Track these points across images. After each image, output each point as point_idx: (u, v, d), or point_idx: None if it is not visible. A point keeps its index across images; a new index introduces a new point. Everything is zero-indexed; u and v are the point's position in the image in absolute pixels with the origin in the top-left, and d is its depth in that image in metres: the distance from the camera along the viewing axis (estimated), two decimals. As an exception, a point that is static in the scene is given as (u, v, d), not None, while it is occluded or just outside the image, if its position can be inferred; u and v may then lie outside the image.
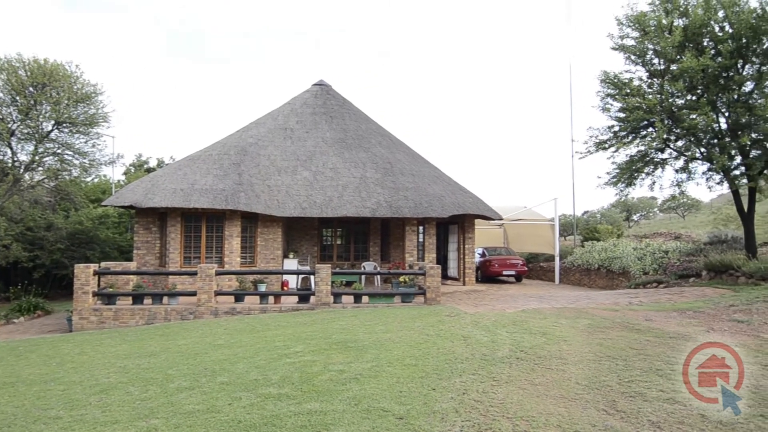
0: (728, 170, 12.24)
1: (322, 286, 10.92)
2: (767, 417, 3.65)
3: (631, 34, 13.11)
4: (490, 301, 11.39)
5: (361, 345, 6.50)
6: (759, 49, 11.61)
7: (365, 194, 14.76)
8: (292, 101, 18.35)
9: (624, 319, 7.74)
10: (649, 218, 40.45)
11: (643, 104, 12.36)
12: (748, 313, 7.85)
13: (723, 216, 23.49)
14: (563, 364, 5.22)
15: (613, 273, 16.29)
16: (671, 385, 4.41)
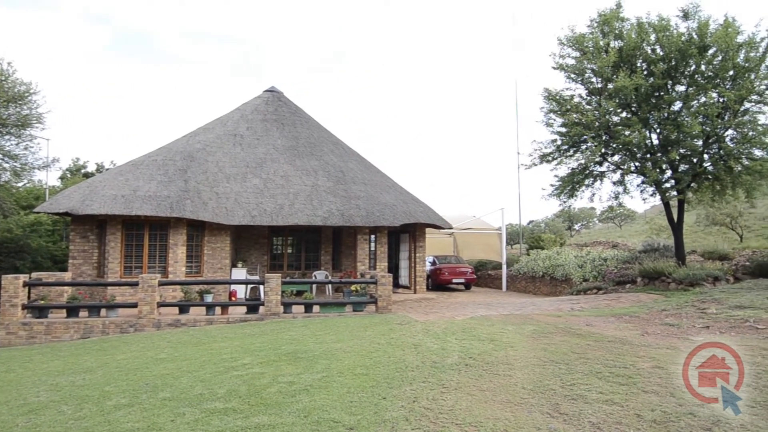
0: (660, 183, 13.07)
1: (272, 296, 10.72)
2: (696, 415, 3.90)
3: (572, 54, 13.83)
4: (441, 309, 11.56)
5: (312, 355, 6.42)
6: (686, 71, 12.53)
7: (317, 202, 14.66)
8: (243, 107, 18.01)
9: (566, 324, 8.07)
10: (589, 228, 42.46)
11: (583, 120, 13.02)
12: (678, 317, 8.39)
13: (656, 226, 25.02)
14: (510, 370, 5.37)
15: (556, 280, 16.95)
16: (609, 387, 4.63)
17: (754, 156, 12.32)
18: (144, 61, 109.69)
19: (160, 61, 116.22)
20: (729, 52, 11.80)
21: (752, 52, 12.03)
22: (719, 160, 12.53)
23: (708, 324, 7.55)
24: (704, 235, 20.51)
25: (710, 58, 12.26)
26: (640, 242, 18.41)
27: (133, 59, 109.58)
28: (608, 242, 22.75)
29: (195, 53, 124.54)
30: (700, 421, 3.77)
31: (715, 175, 12.71)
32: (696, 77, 12.44)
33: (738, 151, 12.16)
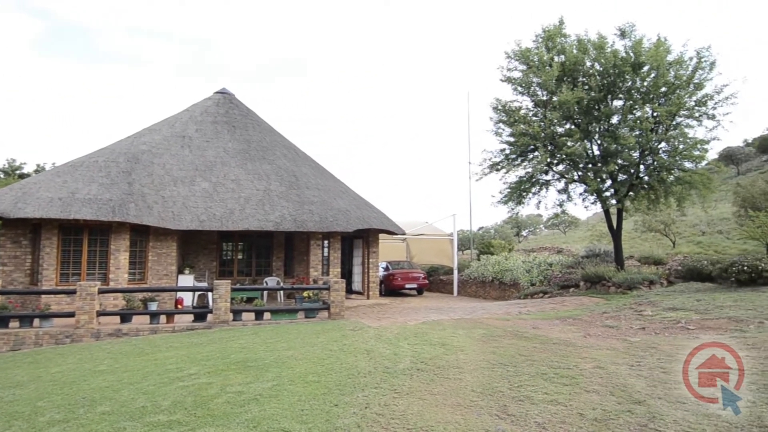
0: (600, 192, 13.75)
1: (221, 303, 10.41)
2: (633, 412, 4.12)
3: (518, 67, 14.35)
4: (393, 314, 11.62)
5: (262, 364, 6.28)
6: (623, 86, 13.29)
7: (269, 207, 14.40)
8: (192, 108, 17.47)
9: (514, 327, 8.32)
10: (536, 233, 43.99)
11: (529, 131, 13.52)
12: (618, 319, 8.84)
13: (597, 232, 26.29)
14: (460, 373, 5.47)
15: (505, 284, 17.43)
16: (554, 388, 4.81)
17: (684, 167, 13.21)
18: (82, 59, 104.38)
19: (103, 59, 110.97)
20: (661, 70, 12.63)
21: (681, 70, 12.93)
22: (653, 171, 13.35)
23: (644, 325, 8.00)
24: (641, 241, 21.72)
25: (644, 75, 13.06)
26: (583, 248, 19.25)
27: (70, 56, 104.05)
28: (554, 248, 23.63)
29: (141, 52, 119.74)
30: (636, 417, 3.98)
31: (650, 185, 13.53)
32: (632, 92, 13.22)
33: (670, 162, 13.00)
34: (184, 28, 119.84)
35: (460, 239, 25.25)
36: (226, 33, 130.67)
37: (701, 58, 12.84)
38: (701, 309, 8.70)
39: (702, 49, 12.86)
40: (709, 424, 3.74)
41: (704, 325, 7.54)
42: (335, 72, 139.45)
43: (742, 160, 39.14)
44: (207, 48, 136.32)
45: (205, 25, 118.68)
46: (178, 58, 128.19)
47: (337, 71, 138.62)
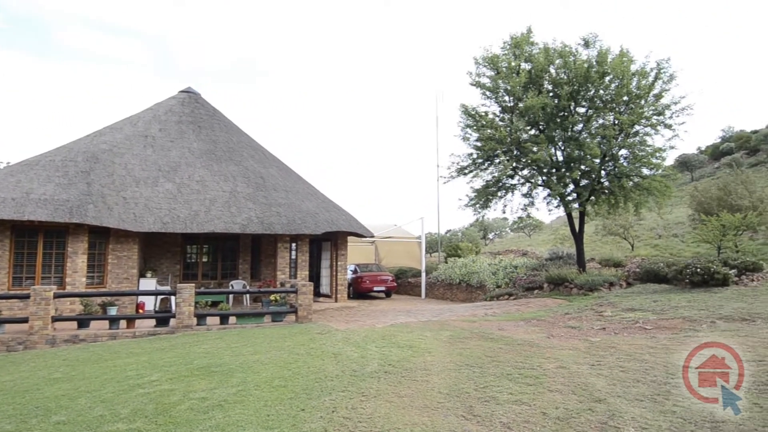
0: (564, 197, 14.12)
1: (185, 307, 10.15)
2: (594, 410, 4.24)
3: (487, 73, 14.62)
4: (361, 317, 11.61)
5: (227, 369, 6.16)
6: (587, 94, 13.72)
7: (235, 209, 14.15)
8: (155, 107, 17.00)
9: (480, 329, 8.44)
10: (502, 237, 44.79)
11: (496, 136, 13.78)
12: (579, 320, 9.09)
13: (560, 235, 26.99)
14: (427, 375, 5.51)
15: (471, 287, 17.67)
16: (519, 388, 4.91)
17: (642, 174, 13.73)
18: (38, 54, 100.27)
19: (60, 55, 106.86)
20: (623, 80, 13.10)
21: (643, 80, 13.45)
22: (614, 177, 13.82)
23: (605, 326, 8.25)
24: (602, 244, 22.43)
25: (607, 84, 13.52)
26: (547, 251, 19.73)
27: (24, 50, 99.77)
28: (519, 250, 24.11)
29: (103, 49, 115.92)
30: (597, 415, 4.10)
31: (611, 190, 14.00)
32: (595, 101, 13.66)
33: (630, 169, 13.49)
34: (145, 26, 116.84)
35: (428, 242, 25.45)
36: (192, 34, 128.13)
37: (661, 69, 13.39)
38: (658, 309, 9.05)
39: (662, 61, 13.42)
40: (665, 421, 3.89)
41: (660, 325, 7.85)
42: (304, 75, 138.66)
43: (696, 167, 40.99)
44: (171, 48, 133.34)
45: (167, 24, 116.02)
46: (142, 57, 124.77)
47: (306, 74, 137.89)
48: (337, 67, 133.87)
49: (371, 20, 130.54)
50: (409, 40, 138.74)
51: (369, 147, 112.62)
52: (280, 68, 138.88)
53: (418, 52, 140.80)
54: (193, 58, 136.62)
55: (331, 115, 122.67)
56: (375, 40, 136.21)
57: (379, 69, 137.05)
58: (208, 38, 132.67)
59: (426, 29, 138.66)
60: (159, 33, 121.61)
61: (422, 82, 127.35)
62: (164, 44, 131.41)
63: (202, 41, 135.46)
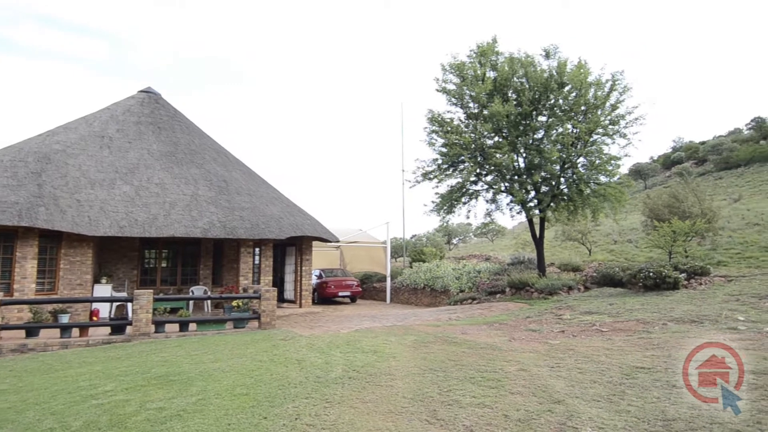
0: (525, 203, 14.48)
1: (142, 314, 9.81)
2: (553, 411, 4.34)
3: (453, 79, 14.87)
4: (326, 323, 11.52)
5: (186, 377, 5.99)
6: (548, 103, 14.15)
7: (196, 213, 13.80)
8: (113, 107, 16.42)
9: (444, 333, 8.52)
10: (465, 242, 45.40)
11: (461, 141, 14.01)
12: (540, 323, 9.31)
13: (522, 241, 27.60)
14: (392, 380, 5.52)
15: (436, 291, 17.82)
16: (481, 391, 4.98)
17: (599, 181, 14.25)
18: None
19: (12, 52, 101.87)
20: (581, 90, 13.59)
21: (599, 91, 13.99)
22: (573, 183, 14.29)
23: (564, 329, 8.49)
24: (561, 249, 23.07)
25: (566, 94, 13.99)
26: (509, 256, 20.14)
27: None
28: (482, 255, 24.50)
29: (58, 46, 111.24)
30: (556, 416, 4.20)
31: (570, 196, 14.45)
32: (555, 110, 14.11)
33: (587, 176, 13.98)
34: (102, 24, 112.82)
35: (393, 247, 25.54)
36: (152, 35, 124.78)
37: (616, 81, 13.97)
38: (613, 312, 9.38)
39: (617, 73, 14.02)
40: (620, 420, 4.02)
41: (616, 327, 8.13)
42: (272, 80, 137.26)
43: (648, 176, 42.83)
44: (130, 48, 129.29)
45: (125, 23, 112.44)
46: (100, 56, 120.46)
47: (274, 80, 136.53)
48: (302, 73, 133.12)
49: (340, 25, 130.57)
50: (376, 45, 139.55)
51: (335, 152, 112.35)
52: (248, 73, 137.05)
53: (384, 57, 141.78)
54: (154, 58, 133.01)
55: (297, 119, 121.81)
56: (343, 46, 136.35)
57: (345, 74, 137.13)
58: (167, 38, 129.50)
59: (393, 35, 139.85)
60: (118, 31, 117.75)
61: (389, 87, 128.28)
62: (124, 43, 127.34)
63: (161, 40, 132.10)
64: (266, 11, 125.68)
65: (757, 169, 34.54)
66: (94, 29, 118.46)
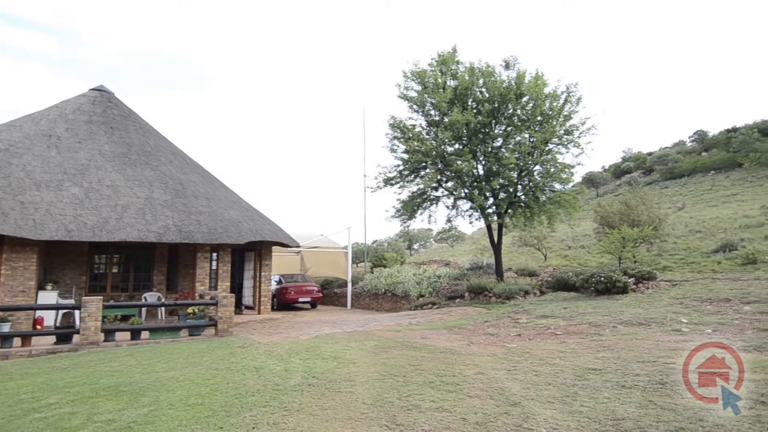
0: (484, 209, 14.79)
1: (90, 322, 9.37)
2: (510, 414, 4.44)
3: (414, 87, 15.06)
4: (285, 329, 11.36)
5: (138, 387, 5.76)
6: (506, 113, 14.53)
7: (151, 217, 13.32)
8: (62, 105, 15.67)
9: (405, 338, 8.57)
10: (426, 247, 45.85)
11: (422, 148, 14.19)
12: (497, 327, 9.50)
13: (480, 246, 28.06)
14: (352, 386, 5.49)
15: (397, 296, 17.90)
16: (440, 395, 5.03)
17: (554, 188, 14.74)
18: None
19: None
20: (538, 101, 14.04)
21: (554, 102, 14.49)
22: (529, 190, 14.72)
23: (520, 332, 8.70)
24: (518, 254, 23.66)
25: (524, 105, 14.42)
26: (468, 261, 20.46)
27: None
28: (442, 260, 24.77)
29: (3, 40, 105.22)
30: (513, 418, 4.29)
31: (526, 203, 14.88)
32: (513, 119, 14.52)
33: (543, 183, 14.44)
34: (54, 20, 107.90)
35: (354, 252, 25.47)
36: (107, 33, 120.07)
37: (570, 93, 14.52)
38: (567, 316, 9.69)
39: (571, 85, 14.58)
40: (573, 421, 4.15)
41: (569, 330, 8.41)
42: (233, 84, 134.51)
43: (600, 184, 44.62)
44: (79, 44, 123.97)
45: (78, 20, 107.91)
46: (50, 52, 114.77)
47: (235, 83, 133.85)
48: (264, 78, 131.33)
49: (302, 29, 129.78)
50: (339, 49, 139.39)
51: (297, 157, 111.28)
52: (211, 76, 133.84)
53: (347, 61, 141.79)
54: (106, 56, 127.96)
55: (259, 124, 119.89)
56: (305, 49, 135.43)
57: (308, 78, 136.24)
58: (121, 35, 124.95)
59: (356, 41, 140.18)
60: (69, 27, 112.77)
61: (352, 91, 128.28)
62: (76, 40, 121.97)
63: (115, 37, 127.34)
64: (229, 14, 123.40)
65: (699, 179, 36.63)
66: (43, 24, 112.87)
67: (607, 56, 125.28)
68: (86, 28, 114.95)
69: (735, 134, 40.46)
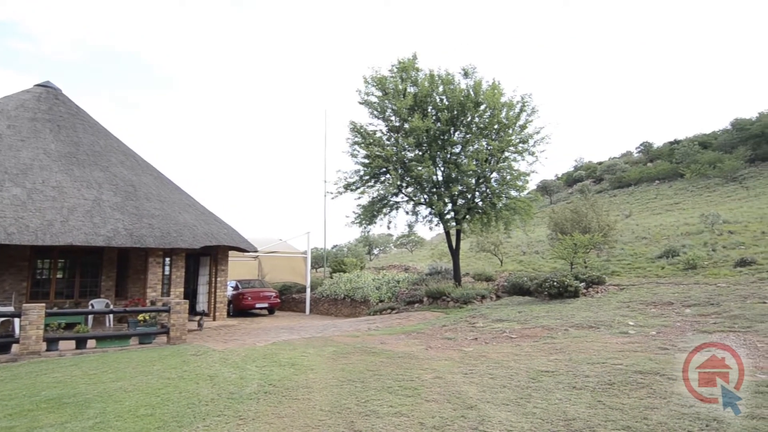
0: (443, 215, 15.01)
1: (31, 330, 8.85)
2: (466, 417, 4.51)
3: (375, 92, 15.14)
4: (241, 336, 11.11)
5: (83, 399, 5.49)
6: (465, 120, 14.83)
7: (99, 220, 12.74)
8: (4, 101, 14.81)
9: (363, 344, 8.55)
10: (386, 252, 45.99)
11: (383, 154, 14.27)
12: (455, 331, 9.64)
13: (439, 251, 28.41)
14: (309, 393, 5.44)
15: (356, 302, 17.85)
16: (398, 400, 5.05)
17: (510, 195, 15.14)
18: None
19: None
20: (495, 110, 14.41)
21: (510, 111, 14.91)
22: (486, 197, 15.06)
23: (477, 336, 8.86)
24: (476, 259, 24.10)
25: (482, 113, 14.76)
26: (427, 266, 20.67)
27: None
28: (402, 266, 24.91)
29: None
30: (469, 422, 4.36)
31: (484, 209, 15.21)
32: (471, 127, 14.83)
33: (499, 190, 14.81)
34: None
35: (314, 257, 25.26)
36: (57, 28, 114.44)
37: (525, 103, 14.98)
38: (522, 319, 9.95)
39: (526, 95, 15.06)
40: (527, 422, 4.26)
41: (524, 333, 8.63)
42: (192, 86, 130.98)
43: (554, 191, 46.17)
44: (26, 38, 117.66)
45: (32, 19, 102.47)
46: None
47: (195, 85, 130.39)
48: (224, 81, 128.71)
49: (265, 34, 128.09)
50: (302, 54, 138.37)
51: (258, 161, 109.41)
52: (169, 77, 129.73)
53: (310, 67, 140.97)
54: (55, 50, 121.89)
55: (219, 127, 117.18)
56: (268, 53, 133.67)
57: (270, 83, 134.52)
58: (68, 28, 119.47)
59: (320, 44, 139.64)
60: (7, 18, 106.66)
61: (312, 97, 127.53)
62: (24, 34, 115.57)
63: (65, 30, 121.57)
64: (192, 14, 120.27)
65: (645, 188, 38.52)
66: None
67: (560, 69, 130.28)
68: (28, 18, 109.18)
69: (677, 146, 42.85)
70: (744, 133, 37.89)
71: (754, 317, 7.82)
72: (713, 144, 40.07)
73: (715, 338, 6.85)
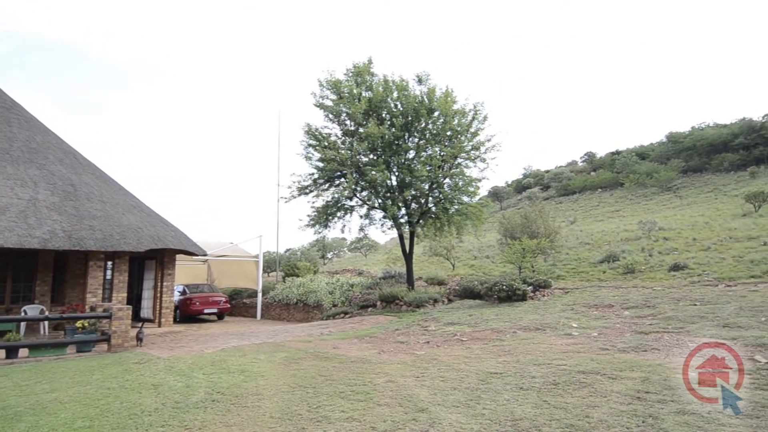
0: (396, 219, 15.13)
1: (-46, 340, 8.19)
2: (417, 420, 4.55)
3: (330, 96, 15.09)
4: (188, 343, 10.74)
5: (12, 412, 5.13)
6: (419, 126, 15.03)
7: (34, 221, 11.97)
8: (-76, 91, 13.67)
9: (316, 349, 8.48)
10: (340, 256, 45.78)
11: (338, 157, 14.23)
12: (407, 335, 9.72)
13: (393, 255, 28.63)
14: (259, 400, 5.33)
15: (309, 306, 17.64)
16: (351, 405, 5.03)
17: (462, 201, 15.48)
18: None
19: None
20: (448, 117, 14.70)
21: (463, 119, 15.25)
22: (439, 202, 15.32)
23: (429, 339, 8.97)
24: (428, 264, 24.41)
25: (435, 119, 15.02)
26: (381, 270, 20.74)
27: None
28: (355, 270, 24.86)
29: None
30: (420, 425, 4.41)
31: (437, 214, 15.46)
32: (425, 133, 15.06)
33: (452, 196, 15.11)
34: None
35: (266, 261, 24.79)
36: None
37: (477, 111, 15.36)
38: (472, 323, 10.17)
39: (478, 103, 15.44)
40: (476, 423, 4.36)
41: (474, 336, 8.83)
42: (146, 84, 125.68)
43: (504, 198, 47.57)
44: None
45: None
46: None
47: (149, 84, 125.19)
48: (176, 80, 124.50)
49: (218, 34, 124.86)
50: (254, 53, 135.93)
51: (208, 162, 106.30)
52: (128, 74, 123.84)
53: (262, 66, 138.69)
54: None
55: (167, 128, 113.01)
56: (222, 53, 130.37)
57: (221, 83, 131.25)
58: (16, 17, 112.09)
59: (272, 44, 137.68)
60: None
61: (266, 97, 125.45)
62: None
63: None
64: (146, 13, 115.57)
65: (588, 196, 40.37)
66: None
67: (510, 78, 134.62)
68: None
69: (618, 157, 45.24)
70: (678, 145, 40.55)
71: (686, 318, 8.36)
72: (650, 155, 42.60)
73: (651, 339, 7.27)
